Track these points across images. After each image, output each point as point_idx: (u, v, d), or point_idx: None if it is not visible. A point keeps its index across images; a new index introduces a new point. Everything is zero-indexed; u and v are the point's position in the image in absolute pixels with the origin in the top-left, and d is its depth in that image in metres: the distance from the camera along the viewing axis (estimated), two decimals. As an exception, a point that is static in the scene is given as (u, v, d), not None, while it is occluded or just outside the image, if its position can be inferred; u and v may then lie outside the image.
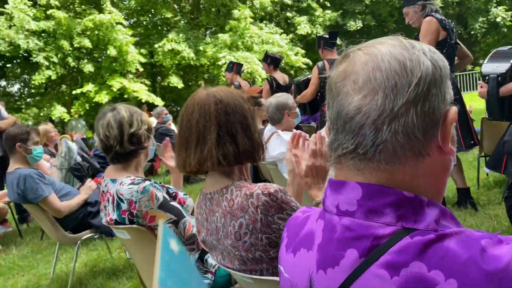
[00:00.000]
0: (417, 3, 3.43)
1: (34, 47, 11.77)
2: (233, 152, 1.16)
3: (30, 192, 2.81)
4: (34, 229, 4.81)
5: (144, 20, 16.40)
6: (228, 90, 1.26)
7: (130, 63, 12.70)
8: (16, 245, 4.19)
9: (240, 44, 14.02)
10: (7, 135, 2.99)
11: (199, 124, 1.17)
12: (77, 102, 12.93)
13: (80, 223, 3.05)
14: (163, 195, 1.73)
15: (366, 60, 0.61)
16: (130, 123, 1.79)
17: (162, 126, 6.63)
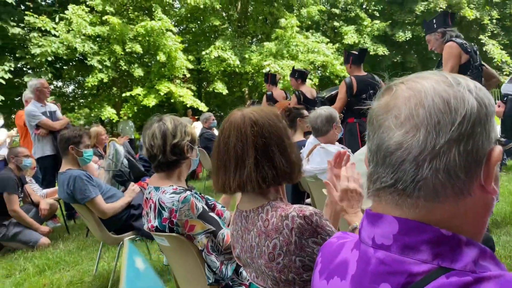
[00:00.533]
0: (437, 31, 3.59)
1: (89, 50, 12.38)
2: (272, 175, 1.18)
3: (78, 192, 2.96)
4: (80, 226, 5.04)
5: (193, 27, 16.84)
6: (262, 111, 1.27)
7: (178, 68, 13.07)
8: (63, 241, 4.41)
9: (285, 53, 14.07)
10: (61, 137, 3.16)
11: (237, 148, 1.19)
12: (126, 104, 13.45)
13: (123, 224, 3.17)
14: (203, 206, 1.78)
15: (409, 96, 0.60)
16: (174, 134, 1.86)
17: (207, 131, 6.78)
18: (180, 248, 1.77)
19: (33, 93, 5.17)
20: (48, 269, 3.56)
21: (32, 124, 5.03)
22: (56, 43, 11.72)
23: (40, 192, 4.96)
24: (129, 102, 13.29)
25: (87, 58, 12.64)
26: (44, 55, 11.45)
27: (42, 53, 11.40)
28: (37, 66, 11.97)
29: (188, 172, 2.00)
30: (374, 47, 16.70)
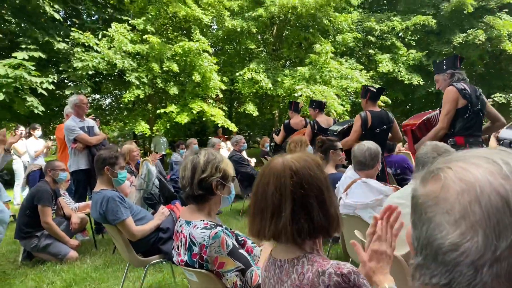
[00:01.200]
0: (446, 72, 3.80)
1: (129, 67, 12.81)
2: (308, 228, 1.16)
3: (110, 213, 3.03)
4: (107, 241, 5.13)
5: (229, 48, 17.18)
6: (304, 160, 1.25)
7: (211, 89, 13.31)
8: (90, 255, 4.49)
9: (318, 78, 14.10)
10: (98, 157, 3.26)
11: (274, 196, 1.18)
12: (160, 121, 13.75)
13: (150, 247, 3.21)
14: (233, 242, 1.77)
15: (461, 190, 0.57)
16: (204, 169, 1.87)
17: (237, 154, 6.82)
18: (208, 285, 1.77)
19: (73, 109, 5.38)
20: (75, 285, 3.62)
21: (70, 138, 5.22)
22: (98, 59, 12.20)
23: (72, 206, 5.10)
24: (163, 119, 13.59)
25: (125, 74, 13.08)
26: (86, 69, 11.93)
27: (84, 67, 11.88)
28: (78, 80, 12.47)
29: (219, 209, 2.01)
30: (408, 76, 16.50)
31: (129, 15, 14.72)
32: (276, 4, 14.16)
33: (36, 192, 4.33)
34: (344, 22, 15.52)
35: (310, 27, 16.04)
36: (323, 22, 15.25)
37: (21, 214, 4.37)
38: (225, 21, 14.35)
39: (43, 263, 4.30)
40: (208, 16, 14.32)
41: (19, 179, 8.30)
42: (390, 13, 18.00)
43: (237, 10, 15.03)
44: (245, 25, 14.42)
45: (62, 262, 4.25)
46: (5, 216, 3.47)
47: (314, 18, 15.17)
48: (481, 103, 3.73)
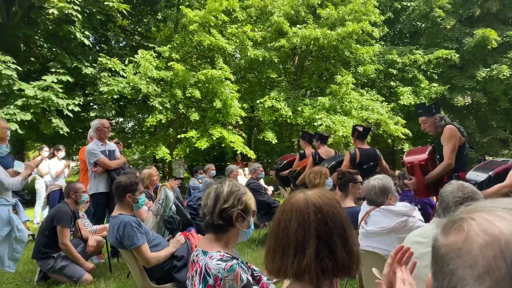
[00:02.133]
0: (435, 115, 4.17)
1: (153, 92, 13.15)
2: (332, 267, 1.13)
3: (126, 239, 3.04)
4: (122, 266, 5.11)
5: (250, 77, 17.46)
6: (326, 197, 1.24)
7: (232, 115, 13.47)
8: (104, 279, 4.49)
9: (339, 108, 14.13)
10: (118, 185, 3.29)
11: (298, 233, 1.16)
12: (180, 145, 13.94)
13: (164, 274, 3.19)
14: (247, 277, 1.75)
15: (485, 243, 0.55)
16: (226, 199, 1.87)
17: (254, 182, 6.81)
18: (220, 319, 1.74)
19: (95, 132, 5.51)
20: (88, 309, 3.61)
21: (91, 161, 5.32)
22: (123, 83, 12.58)
23: (90, 228, 5.15)
24: (183, 144, 13.77)
25: (149, 99, 13.41)
26: (111, 93, 12.30)
27: (109, 91, 12.25)
28: (103, 103, 12.83)
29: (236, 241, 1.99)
30: (431, 109, 16.35)
31: (156, 42, 15.22)
32: (299, 35, 14.41)
33: (56, 213, 4.39)
34: (365, 54, 15.64)
35: (332, 58, 16.22)
36: (344, 54, 15.41)
37: (40, 235, 4.42)
38: (247, 51, 14.66)
39: (57, 284, 4.31)
40: (232, 46, 14.67)
41: (40, 198, 8.46)
42: (412, 47, 18.06)
43: (260, 41, 15.35)
44: (267, 55, 14.69)
45: (76, 284, 4.26)
46: (24, 235, 3.53)
47: (336, 49, 15.34)
48: (466, 139, 4.08)
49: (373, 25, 15.81)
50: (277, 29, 15.40)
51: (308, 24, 15.47)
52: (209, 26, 14.29)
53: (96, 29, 13.23)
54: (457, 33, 18.15)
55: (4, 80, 10.36)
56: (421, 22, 18.96)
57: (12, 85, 10.55)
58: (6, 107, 10.42)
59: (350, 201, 3.88)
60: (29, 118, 10.49)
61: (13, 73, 10.46)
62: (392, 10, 19.23)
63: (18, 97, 10.60)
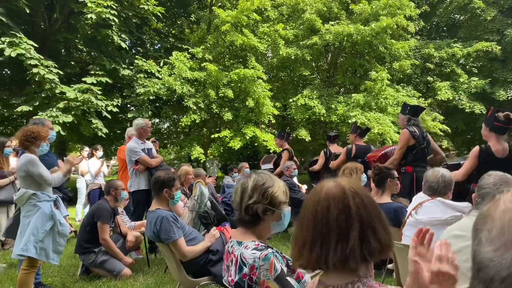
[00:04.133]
0: (406, 115, 5.02)
1: (187, 93, 13.37)
2: (378, 248, 1.13)
3: (163, 232, 3.11)
4: (160, 261, 5.24)
5: (283, 75, 17.41)
6: (355, 182, 1.24)
7: (264, 114, 13.49)
8: (143, 274, 4.61)
9: (374, 105, 13.84)
10: (157, 180, 3.37)
11: (339, 220, 1.14)
12: (214, 145, 14.10)
13: (200, 268, 3.24)
14: (282, 267, 1.74)
15: (506, 209, 0.58)
16: (251, 195, 1.87)
17: (288, 180, 6.78)
18: (255, 309, 1.74)
19: (137, 131, 5.66)
20: (127, 301, 3.72)
21: (133, 159, 5.46)
22: (159, 85, 12.87)
23: (129, 224, 5.29)
24: (216, 143, 13.92)
25: (184, 100, 13.64)
26: (147, 94, 12.60)
27: (145, 93, 12.56)
28: (139, 104, 13.17)
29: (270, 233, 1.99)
30: (470, 104, 15.75)
31: (189, 44, 15.46)
32: (331, 32, 14.23)
33: (96, 210, 4.55)
34: (401, 49, 15.24)
35: (366, 54, 15.91)
36: (379, 49, 15.08)
37: (82, 230, 4.60)
38: (280, 49, 14.62)
39: (99, 278, 4.47)
40: (264, 45, 14.68)
41: (81, 197, 8.81)
42: (450, 40, 17.43)
43: (292, 39, 15.28)
44: (299, 53, 14.60)
45: (116, 278, 4.40)
46: (66, 229, 3.67)
47: (370, 45, 15.04)
48: (426, 142, 4.90)
49: (408, 19, 15.36)
50: (309, 27, 15.27)
51: (341, 20, 15.25)
52: (241, 26, 14.36)
53: (132, 32, 13.60)
54: (498, 25, 17.34)
55: (47, 84, 10.83)
56: (460, 14, 18.27)
57: (55, 88, 11.01)
58: (49, 109, 10.88)
59: (386, 197, 3.80)
60: (70, 120, 10.92)
61: (55, 77, 10.92)
62: (428, 3, 18.62)
63: (60, 100, 11.06)
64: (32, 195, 3.47)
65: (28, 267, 3.46)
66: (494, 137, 4.05)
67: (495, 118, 4.04)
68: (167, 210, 3.30)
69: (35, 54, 10.68)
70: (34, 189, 3.49)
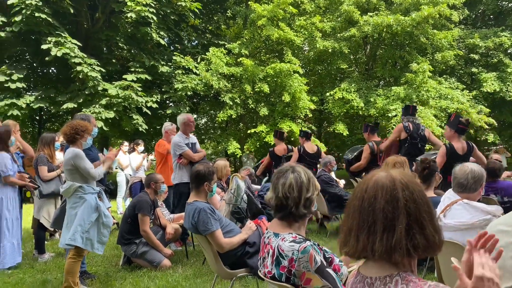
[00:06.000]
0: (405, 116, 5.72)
1: (223, 88, 13.50)
2: (423, 244, 1.10)
3: (201, 224, 3.16)
4: (198, 253, 5.34)
5: (319, 69, 17.20)
6: (408, 175, 1.20)
7: (301, 109, 13.40)
8: (182, 265, 4.72)
9: (415, 98, 13.41)
10: (197, 173, 3.42)
11: (386, 210, 1.12)
12: (250, 140, 14.16)
13: (237, 260, 3.27)
14: (321, 259, 1.73)
15: None
16: (308, 187, 1.89)
17: (325, 174, 6.71)
18: (293, 301, 1.74)
19: (180, 126, 5.78)
20: (167, 291, 3.82)
21: (177, 153, 5.58)
22: (196, 80, 13.06)
23: (168, 216, 5.42)
24: (253, 138, 13.97)
25: (220, 95, 13.78)
26: (185, 90, 12.83)
27: (183, 88, 12.79)
28: (178, 100, 13.43)
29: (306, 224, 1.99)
30: (520, 96, 14.94)
31: (226, 39, 15.56)
32: (370, 23, 13.89)
33: (137, 202, 4.69)
34: (443, 40, 14.65)
35: (406, 45, 15.42)
36: (420, 40, 14.58)
37: (124, 222, 4.76)
38: (316, 42, 14.44)
39: (140, 268, 4.61)
40: (300, 38, 14.55)
41: (121, 190, 9.12)
42: (497, 29, 16.54)
43: (329, 31, 15.05)
44: (337, 45, 14.36)
45: (156, 269, 4.52)
46: (109, 221, 3.80)
47: (411, 36, 14.57)
48: (420, 138, 5.39)
49: (452, 7, 14.72)
50: (347, 19, 14.97)
51: (380, 11, 14.84)
52: (277, 20, 14.29)
53: (170, 29, 13.86)
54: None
55: (90, 81, 11.26)
56: (508, 1, 17.29)
57: (97, 85, 11.42)
58: (92, 106, 11.31)
59: (431, 191, 3.69)
60: (112, 116, 11.31)
61: (97, 74, 11.32)
62: (473, -10, 17.78)
63: (102, 97, 11.47)
64: (78, 188, 3.62)
65: (74, 256, 3.61)
66: (456, 137, 4.84)
67: (459, 122, 4.83)
68: (204, 202, 3.35)
69: (79, 53, 11.12)
70: (80, 182, 3.64)
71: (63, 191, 3.72)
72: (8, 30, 11.06)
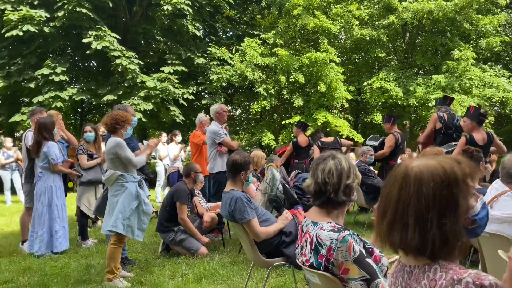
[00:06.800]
0: (441, 106, 5.80)
1: (258, 79, 13.48)
2: (457, 238, 1.06)
3: (238, 213, 3.18)
4: (234, 241, 5.40)
5: (356, 58, 16.82)
6: (446, 164, 1.12)
7: (337, 99, 13.18)
8: (218, 253, 4.78)
9: (457, 86, 12.89)
10: (234, 162, 3.43)
11: (420, 203, 1.07)
12: (284, 131, 14.10)
13: (274, 249, 3.28)
14: (360, 249, 1.70)
15: None
16: (348, 174, 1.88)
17: (363, 165, 6.58)
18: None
19: (214, 115, 5.84)
20: (204, 278, 3.89)
21: (216, 141, 5.64)
22: (231, 71, 13.12)
23: (205, 205, 5.51)
24: (287, 129, 13.90)
25: (255, 86, 13.78)
26: (220, 81, 12.93)
27: (218, 79, 12.89)
28: (213, 91, 13.55)
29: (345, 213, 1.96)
30: None
31: (260, 29, 15.50)
32: (410, 10, 13.42)
33: (175, 191, 4.79)
34: (488, 25, 13.94)
35: (448, 32, 14.80)
36: (463, 26, 13.94)
37: (162, 210, 4.88)
38: (353, 31, 14.12)
39: (178, 255, 4.72)
40: (337, 26, 14.26)
41: (160, 179, 9.35)
42: (548, 12, 15.58)
43: (366, 19, 14.66)
44: (374, 33, 13.98)
45: (194, 256, 4.61)
46: (149, 208, 3.90)
47: (453, 22, 13.95)
48: (455, 128, 5.43)
49: (498, -9, 14.00)
50: (385, 5, 14.53)
51: (420, -4, 14.31)
52: (313, 8, 14.07)
53: (205, 21, 13.97)
54: None
55: (129, 74, 11.55)
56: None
57: (136, 78, 11.71)
58: (131, 98, 11.62)
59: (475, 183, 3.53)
60: (150, 108, 11.58)
61: (136, 67, 11.60)
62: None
63: (140, 89, 11.75)
64: (119, 176, 3.73)
65: (116, 242, 3.74)
66: (476, 128, 4.94)
67: (480, 113, 5.02)
68: (241, 191, 3.37)
69: (118, 46, 11.42)
70: (121, 170, 3.75)
71: (105, 179, 3.85)
72: (52, 25, 11.50)
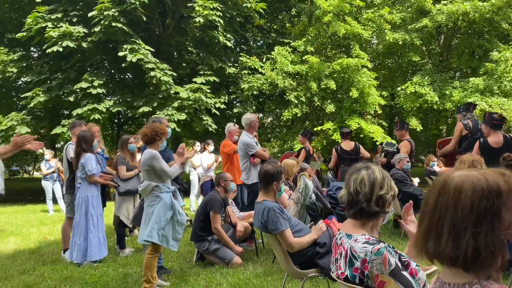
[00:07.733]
0: (461, 113, 5.97)
1: (289, 86, 13.48)
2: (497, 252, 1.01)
3: (270, 223, 3.19)
4: (268, 251, 5.39)
5: (389, 62, 16.53)
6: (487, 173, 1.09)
7: (370, 105, 12.98)
8: (252, 263, 4.79)
9: (496, 89, 12.41)
10: (267, 173, 3.45)
11: (458, 210, 1.05)
12: (317, 138, 14.00)
13: (307, 260, 3.25)
14: (396, 262, 1.67)
15: None
16: (382, 185, 1.85)
17: (399, 172, 6.43)
18: (367, 304, 1.69)
19: (246, 126, 5.88)
20: (238, 288, 3.90)
21: (249, 153, 5.69)
22: (262, 80, 13.19)
23: (238, 214, 5.54)
24: (320, 136, 13.79)
25: (285, 94, 13.78)
26: (251, 89, 13.02)
27: (249, 88, 12.99)
28: (244, 100, 13.67)
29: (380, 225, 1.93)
30: None
31: (291, 37, 15.54)
32: (444, 12, 13.09)
33: (209, 200, 4.85)
34: (530, 24, 13.39)
35: (485, 33, 14.31)
36: (501, 26, 13.44)
37: (196, 219, 4.95)
38: (385, 35, 13.90)
39: (212, 265, 4.76)
40: (368, 31, 14.09)
41: (194, 188, 9.48)
42: None
43: (399, 23, 14.40)
44: (407, 37, 13.71)
45: (228, 266, 4.64)
46: (183, 218, 3.97)
47: (490, 22, 13.48)
48: (480, 133, 5.42)
49: (539, -12, 13.41)
50: (418, 8, 14.23)
51: (455, -2, 13.93)
52: (343, 14, 13.97)
53: (236, 31, 14.15)
54: None
55: (163, 86, 11.84)
56: None
57: (169, 89, 11.99)
58: (166, 109, 11.90)
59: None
60: (184, 118, 11.80)
61: (169, 78, 11.88)
62: None
63: (174, 100, 12.02)
64: (155, 187, 3.82)
65: (152, 251, 3.82)
66: (492, 132, 5.10)
67: (492, 118, 5.13)
68: (273, 202, 3.37)
69: (152, 58, 11.74)
70: (156, 181, 3.84)
71: (141, 189, 3.95)
72: (89, 40, 11.98)
